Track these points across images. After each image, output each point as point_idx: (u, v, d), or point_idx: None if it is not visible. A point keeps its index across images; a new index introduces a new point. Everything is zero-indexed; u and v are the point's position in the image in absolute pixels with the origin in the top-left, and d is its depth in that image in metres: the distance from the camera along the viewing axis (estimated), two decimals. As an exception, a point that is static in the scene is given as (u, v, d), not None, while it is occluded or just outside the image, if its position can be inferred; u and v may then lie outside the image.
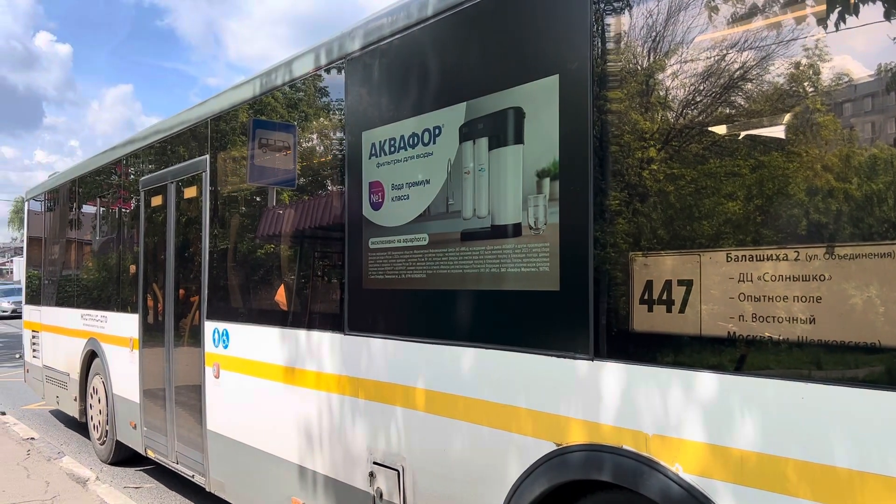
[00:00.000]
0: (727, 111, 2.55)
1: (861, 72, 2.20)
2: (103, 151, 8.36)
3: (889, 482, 2.01)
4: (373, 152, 3.97)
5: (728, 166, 2.48)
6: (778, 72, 2.37)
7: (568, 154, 2.91)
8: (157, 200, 6.75)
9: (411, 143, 3.71)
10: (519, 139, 3.15)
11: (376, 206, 3.93)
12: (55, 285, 9.78)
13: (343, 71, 4.23)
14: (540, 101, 3.03)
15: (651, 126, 2.71)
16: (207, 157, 5.74)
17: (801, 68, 2.32)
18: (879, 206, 2.12)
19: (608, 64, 2.81)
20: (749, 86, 2.48)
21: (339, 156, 4.26)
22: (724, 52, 2.50)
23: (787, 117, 2.36)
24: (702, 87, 2.60)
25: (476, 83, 3.36)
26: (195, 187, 5.96)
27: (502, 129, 3.23)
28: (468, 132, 3.38)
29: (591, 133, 2.81)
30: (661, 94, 2.72)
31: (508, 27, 3.24)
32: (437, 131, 3.56)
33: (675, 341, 2.55)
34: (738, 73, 2.49)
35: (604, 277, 2.77)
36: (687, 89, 2.63)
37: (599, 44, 2.83)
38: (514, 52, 3.22)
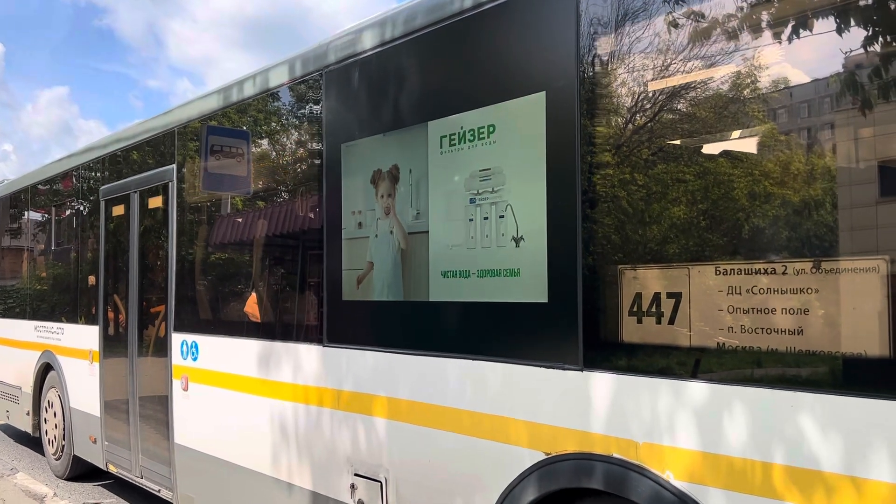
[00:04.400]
0: (716, 127, 2.65)
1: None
2: (59, 159, 8.15)
3: (873, 485, 2.11)
4: (352, 164, 3.98)
5: (713, 181, 2.57)
6: (764, 86, 2.47)
7: (555, 168, 2.98)
8: (118, 210, 6.61)
9: (392, 153, 3.74)
10: (504, 153, 3.20)
11: (355, 216, 3.94)
12: (5, 296, 9.49)
13: (321, 83, 4.23)
14: (527, 116, 3.09)
15: (638, 140, 2.80)
16: (175, 166, 5.65)
17: (785, 83, 2.43)
18: (864, 224, 2.23)
19: (596, 79, 2.89)
20: (739, 100, 2.58)
21: (318, 166, 4.26)
22: (712, 66, 2.60)
23: (764, 134, 2.47)
24: (690, 103, 2.69)
25: (462, 98, 3.40)
26: (161, 197, 5.87)
27: (483, 143, 3.28)
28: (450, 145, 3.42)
29: (579, 148, 2.88)
30: (649, 109, 2.80)
31: (497, 43, 3.29)
32: (418, 143, 3.59)
33: (664, 352, 2.63)
34: (727, 87, 2.59)
35: (592, 290, 2.84)
36: (676, 104, 2.73)
37: (587, 59, 2.90)
38: (502, 68, 3.27)
